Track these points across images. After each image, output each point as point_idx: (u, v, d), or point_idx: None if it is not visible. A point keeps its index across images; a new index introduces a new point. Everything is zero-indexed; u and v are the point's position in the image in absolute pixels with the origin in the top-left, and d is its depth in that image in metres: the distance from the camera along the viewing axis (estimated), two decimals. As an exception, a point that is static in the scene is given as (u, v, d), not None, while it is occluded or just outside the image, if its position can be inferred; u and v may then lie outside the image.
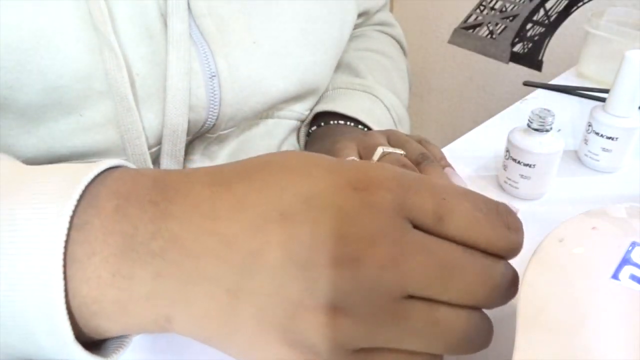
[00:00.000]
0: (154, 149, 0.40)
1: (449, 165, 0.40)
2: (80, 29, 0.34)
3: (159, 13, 0.37)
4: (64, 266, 0.21)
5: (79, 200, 0.22)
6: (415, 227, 0.22)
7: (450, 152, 0.52)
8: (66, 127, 0.36)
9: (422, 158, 0.38)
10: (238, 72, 0.41)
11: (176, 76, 0.38)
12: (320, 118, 0.52)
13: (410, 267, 0.21)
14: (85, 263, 0.21)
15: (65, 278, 0.21)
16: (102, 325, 0.22)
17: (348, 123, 0.50)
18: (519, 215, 0.25)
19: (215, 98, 0.41)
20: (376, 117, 0.51)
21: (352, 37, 0.60)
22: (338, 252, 0.20)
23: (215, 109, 0.41)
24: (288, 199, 0.21)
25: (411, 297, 0.21)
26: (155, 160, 0.41)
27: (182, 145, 0.41)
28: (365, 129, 0.49)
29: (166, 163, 0.41)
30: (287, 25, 0.44)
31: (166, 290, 0.21)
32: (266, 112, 0.47)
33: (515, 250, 0.23)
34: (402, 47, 0.67)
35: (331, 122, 0.50)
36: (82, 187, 0.22)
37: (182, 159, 0.42)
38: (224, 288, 0.21)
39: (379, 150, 0.38)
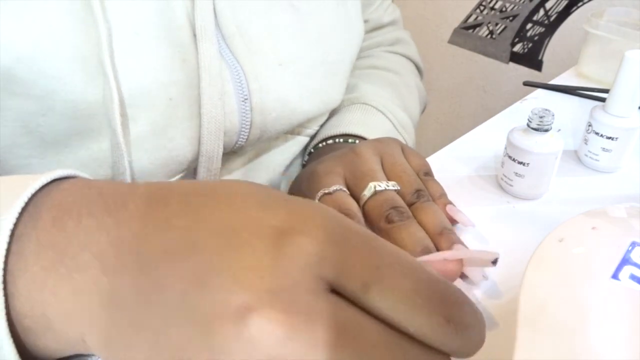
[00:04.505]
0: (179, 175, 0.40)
1: (449, 203, 0.38)
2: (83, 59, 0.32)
3: (191, 33, 0.36)
4: (4, 281, 0.20)
5: (22, 212, 0.21)
6: (336, 292, 0.18)
7: (450, 152, 0.52)
8: (81, 156, 0.35)
9: (417, 197, 0.36)
10: (268, 94, 0.40)
11: (210, 102, 0.37)
12: (313, 139, 0.51)
13: (305, 341, 0.17)
14: (18, 277, 0.20)
15: (5, 292, 0.20)
16: (37, 343, 0.21)
17: (337, 140, 0.48)
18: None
19: (246, 122, 0.40)
20: (369, 125, 0.49)
21: (358, 58, 0.59)
22: (226, 302, 0.17)
23: (245, 133, 0.41)
24: (209, 229, 0.19)
25: None
26: None
27: (217, 172, 0.40)
28: (357, 140, 0.48)
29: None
30: (311, 46, 0.43)
31: (83, 309, 0.20)
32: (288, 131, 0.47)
33: (456, 351, 0.19)
34: (416, 65, 0.65)
35: (320, 144, 0.49)
36: (25, 198, 0.21)
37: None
38: (127, 318, 0.19)
39: (370, 187, 0.35)
